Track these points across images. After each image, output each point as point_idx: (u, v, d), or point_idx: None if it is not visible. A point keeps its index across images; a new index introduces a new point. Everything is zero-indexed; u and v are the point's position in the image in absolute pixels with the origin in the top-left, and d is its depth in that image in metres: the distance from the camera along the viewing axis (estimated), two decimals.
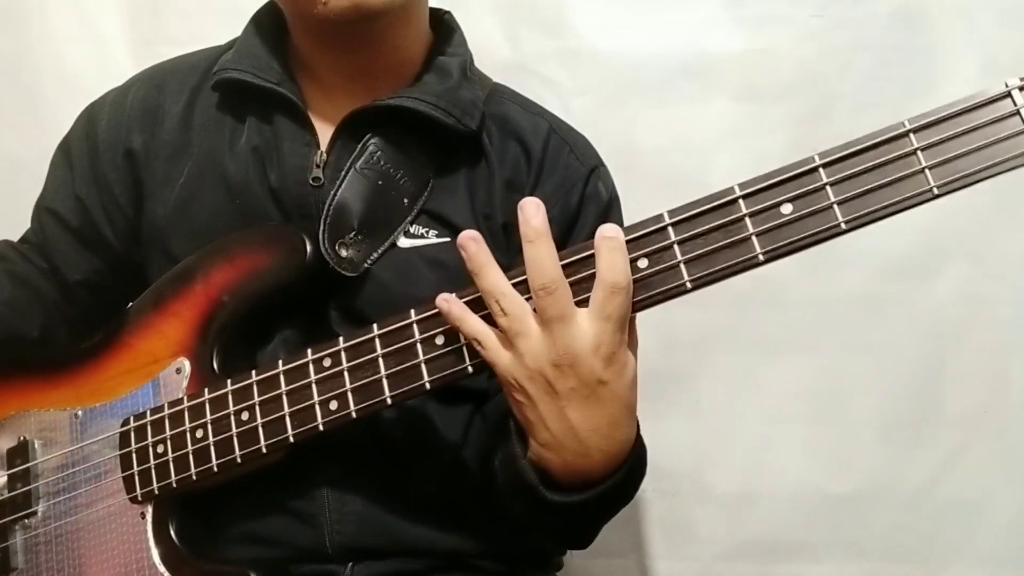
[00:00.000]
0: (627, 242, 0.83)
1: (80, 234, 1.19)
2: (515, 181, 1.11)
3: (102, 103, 1.21)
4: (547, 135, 1.15)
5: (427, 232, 1.08)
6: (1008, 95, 0.73)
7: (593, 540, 1.04)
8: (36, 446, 1.09)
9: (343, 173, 1.05)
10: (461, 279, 1.07)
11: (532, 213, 0.84)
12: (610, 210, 1.16)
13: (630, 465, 0.91)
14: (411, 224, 1.08)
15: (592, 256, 0.84)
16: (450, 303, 0.88)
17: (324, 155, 1.08)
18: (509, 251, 1.10)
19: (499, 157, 1.12)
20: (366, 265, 1.04)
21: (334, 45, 1.10)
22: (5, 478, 1.09)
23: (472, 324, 0.87)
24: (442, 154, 1.10)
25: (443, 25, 1.18)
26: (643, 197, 1.28)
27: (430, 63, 1.14)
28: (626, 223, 1.17)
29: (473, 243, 0.86)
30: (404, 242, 1.07)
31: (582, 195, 1.13)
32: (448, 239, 1.07)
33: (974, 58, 1.50)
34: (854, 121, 1.52)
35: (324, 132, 1.10)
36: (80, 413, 1.08)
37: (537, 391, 0.85)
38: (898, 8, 1.52)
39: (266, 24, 1.16)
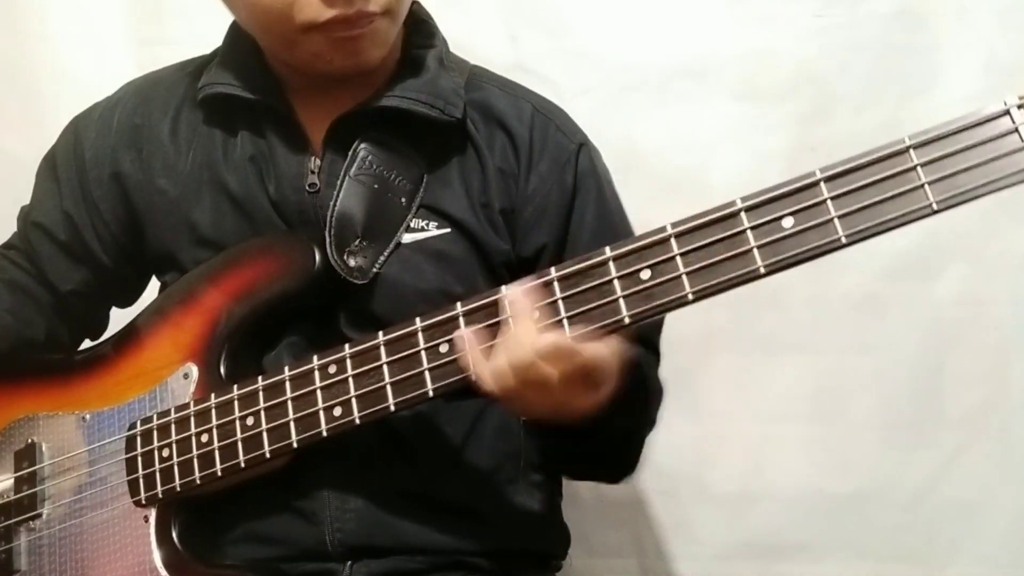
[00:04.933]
0: (631, 253, 0.84)
1: (68, 247, 1.20)
2: (507, 169, 1.12)
3: (88, 118, 1.21)
4: (531, 117, 1.15)
5: (427, 224, 1.08)
6: (1007, 113, 0.73)
7: (637, 460, 1.11)
8: (43, 449, 1.10)
9: (339, 181, 1.06)
10: (463, 269, 1.08)
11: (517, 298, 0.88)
12: (606, 183, 1.18)
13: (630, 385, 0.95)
14: (411, 219, 1.08)
15: (595, 267, 0.85)
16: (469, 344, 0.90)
17: (318, 161, 1.09)
18: (509, 237, 1.12)
19: (488, 145, 1.12)
20: (375, 270, 1.05)
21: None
22: (12, 480, 1.10)
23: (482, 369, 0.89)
24: (431, 147, 1.11)
25: (412, 16, 1.17)
26: (643, 197, 1.29)
27: (406, 58, 1.14)
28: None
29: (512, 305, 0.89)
30: (407, 238, 1.08)
31: (576, 172, 1.14)
32: (448, 230, 1.09)
33: (974, 58, 1.50)
34: (854, 121, 1.52)
35: (315, 138, 1.11)
36: (88, 417, 1.09)
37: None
38: (898, 8, 1.52)
39: (245, 33, 1.16)
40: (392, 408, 0.92)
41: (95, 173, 1.17)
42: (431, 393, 0.90)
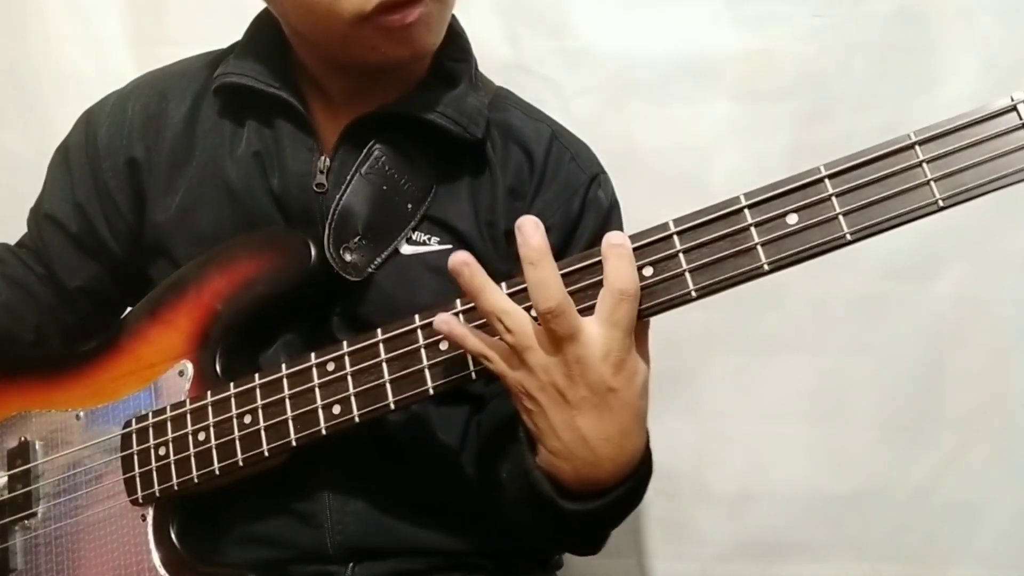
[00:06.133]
0: (632, 250, 0.82)
1: (80, 240, 1.18)
2: (517, 188, 1.11)
3: (101, 108, 1.20)
4: (549, 142, 1.14)
5: (429, 239, 1.07)
6: (1014, 108, 0.73)
7: (602, 547, 1.02)
8: (37, 447, 1.09)
9: (348, 178, 1.05)
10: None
11: (531, 232, 0.81)
12: (610, 217, 1.16)
13: (640, 474, 0.89)
14: (414, 231, 1.07)
15: (597, 263, 0.83)
16: (450, 324, 0.86)
17: (327, 161, 1.07)
18: (511, 258, 1.10)
19: (502, 164, 1.11)
20: (370, 270, 1.04)
21: (353, 70, 1.09)
22: (6, 479, 1.09)
23: (475, 342, 0.85)
24: (446, 160, 1.10)
25: (449, 29, 1.15)
26: (643, 197, 1.28)
27: (436, 69, 1.13)
28: (626, 223, 1.18)
29: (466, 268, 0.83)
30: (406, 249, 1.07)
31: (583, 202, 1.13)
32: (450, 246, 1.07)
33: (974, 58, 1.50)
34: (854, 121, 1.52)
35: (327, 137, 1.10)
36: (82, 414, 1.08)
37: (548, 400, 0.83)
38: (898, 8, 1.52)
39: (268, 27, 1.15)
40: (392, 406, 0.91)
41: (109, 163, 1.16)
42: (431, 391, 0.89)
